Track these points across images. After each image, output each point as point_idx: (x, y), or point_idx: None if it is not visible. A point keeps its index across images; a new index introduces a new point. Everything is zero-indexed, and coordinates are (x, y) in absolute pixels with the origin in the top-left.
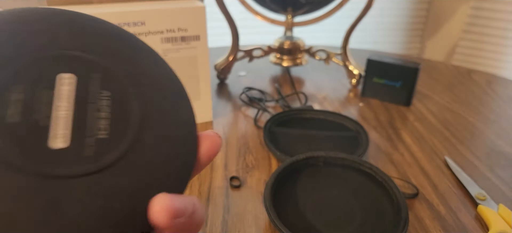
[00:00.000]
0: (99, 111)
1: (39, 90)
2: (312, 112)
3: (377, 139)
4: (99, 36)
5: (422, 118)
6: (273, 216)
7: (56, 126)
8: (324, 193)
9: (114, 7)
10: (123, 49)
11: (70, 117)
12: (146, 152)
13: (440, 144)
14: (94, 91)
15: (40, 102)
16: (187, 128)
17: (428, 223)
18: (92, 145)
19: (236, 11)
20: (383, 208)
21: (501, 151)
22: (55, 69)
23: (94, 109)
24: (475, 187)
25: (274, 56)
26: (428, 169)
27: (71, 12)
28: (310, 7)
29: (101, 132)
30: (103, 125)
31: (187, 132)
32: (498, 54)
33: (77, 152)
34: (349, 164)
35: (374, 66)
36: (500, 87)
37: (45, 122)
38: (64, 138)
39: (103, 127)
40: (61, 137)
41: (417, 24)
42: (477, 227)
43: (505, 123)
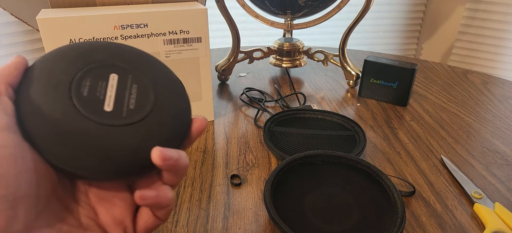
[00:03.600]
0: (130, 94)
1: (100, 81)
2: (311, 112)
3: (374, 138)
4: (132, 55)
5: (419, 117)
6: (273, 213)
7: (107, 99)
8: (322, 190)
9: (117, 9)
10: (145, 62)
11: (113, 96)
12: (156, 119)
13: (437, 143)
14: (128, 84)
15: (100, 87)
16: (183, 110)
17: (424, 221)
18: (125, 111)
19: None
20: (380, 205)
21: (496, 150)
22: (108, 71)
23: (128, 93)
24: (471, 185)
25: (274, 57)
26: (425, 167)
27: (116, 43)
28: (309, 10)
29: (131, 104)
30: (132, 101)
31: (183, 113)
32: (494, 55)
33: (117, 113)
34: (347, 163)
35: (371, 67)
36: (496, 87)
37: (102, 97)
38: (110, 106)
39: (132, 102)
40: (108, 105)
41: (413, 26)
42: (473, 225)
43: (500, 122)
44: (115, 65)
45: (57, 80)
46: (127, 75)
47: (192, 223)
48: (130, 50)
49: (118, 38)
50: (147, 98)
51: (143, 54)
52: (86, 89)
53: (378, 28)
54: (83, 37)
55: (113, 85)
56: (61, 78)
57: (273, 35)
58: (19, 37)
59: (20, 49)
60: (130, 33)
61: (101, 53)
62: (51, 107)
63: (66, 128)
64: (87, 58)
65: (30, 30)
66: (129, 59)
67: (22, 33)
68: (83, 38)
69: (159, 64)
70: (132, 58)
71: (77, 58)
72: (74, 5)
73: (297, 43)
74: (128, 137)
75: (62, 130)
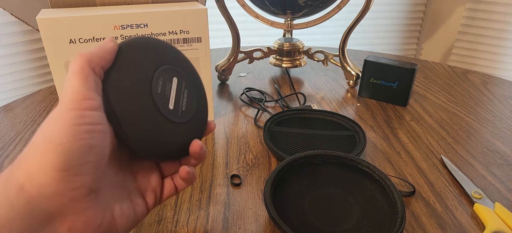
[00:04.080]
0: (183, 98)
1: (167, 82)
2: (311, 112)
3: (374, 138)
4: (185, 63)
5: (419, 117)
6: (273, 213)
7: (171, 99)
8: (322, 190)
9: (117, 9)
10: (192, 71)
11: (174, 97)
12: (196, 121)
13: (437, 143)
14: (182, 88)
15: (167, 87)
16: (207, 113)
17: (424, 221)
18: (180, 111)
19: (237, 14)
20: (380, 205)
21: (497, 150)
22: (173, 74)
23: (182, 96)
24: (471, 185)
25: (274, 57)
26: (425, 167)
27: (171, 46)
28: (309, 10)
29: (183, 106)
30: (184, 104)
31: (207, 115)
32: (494, 55)
33: (175, 112)
34: (347, 163)
35: (371, 67)
36: (496, 87)
37: (168, 96)
38: (172, 105)
39: (184, 105)
40: (171, 104)
41: (413, 26)
42: (473, 225)
43: (500, 122)
44: (176, 70)
45: (141, 75)
46: (182, 81)
47: (192, 223)
48: (184, 58)
49: (118, 38)
50: (192, 103)
51: (190, 64)
52: (159, 87)
53: (378, 28)
54: (83, 37)
55: (174, 88)
56: (145, 74)
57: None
58: (19, 37)
59: (20, 49)
60: (130, 33)
61: (169, 55)
62: (135, 98)
63: (144, 116)
64: (161, 58)
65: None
66: (184, 67)
67: (22, 33)
68: (83, 39)
69: (197, 73)
70: (185, 65)
71: (155, 57)
72: (74, 5)
73: (297, 43)
74: (181, 133)
75: (140, 117)
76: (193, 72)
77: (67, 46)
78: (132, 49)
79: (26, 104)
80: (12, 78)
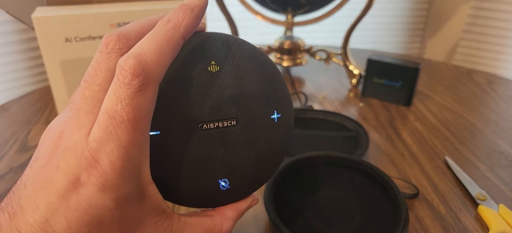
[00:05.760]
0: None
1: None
2: (312, 112)
3: (377, 139)
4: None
5: (422, 118)
6: (273, 216)
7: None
8: (324, 193)
9: (114, 7)
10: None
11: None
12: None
13: (441, 144)
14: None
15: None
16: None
17: (428, 223)
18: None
19: (236, 11)
20: (383, 208)
21: (501, 151)
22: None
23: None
24: (475, 187)
25: (274, 56)
26: (428, 169)
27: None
28: (310, 7)
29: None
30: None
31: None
32: (499, 54)
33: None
34: (349, 164)
35: (374, 66)
36: (501, 87)
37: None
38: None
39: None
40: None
41: (417, 24)
42: (478, 227)
43: (505, 123)
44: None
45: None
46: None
47: None
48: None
49: None
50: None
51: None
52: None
53: (381, 26)
54: (80, 35)
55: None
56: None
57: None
58: (13, 36)
59: (15, 48)
60: None
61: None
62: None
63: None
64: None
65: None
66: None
67: (17, 32)
68: (79, 37)
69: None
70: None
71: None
72: (70, 3)
73: (298, 42)
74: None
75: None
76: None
77: (63, 45)
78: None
79: (22, 104)
80: (7, 78)
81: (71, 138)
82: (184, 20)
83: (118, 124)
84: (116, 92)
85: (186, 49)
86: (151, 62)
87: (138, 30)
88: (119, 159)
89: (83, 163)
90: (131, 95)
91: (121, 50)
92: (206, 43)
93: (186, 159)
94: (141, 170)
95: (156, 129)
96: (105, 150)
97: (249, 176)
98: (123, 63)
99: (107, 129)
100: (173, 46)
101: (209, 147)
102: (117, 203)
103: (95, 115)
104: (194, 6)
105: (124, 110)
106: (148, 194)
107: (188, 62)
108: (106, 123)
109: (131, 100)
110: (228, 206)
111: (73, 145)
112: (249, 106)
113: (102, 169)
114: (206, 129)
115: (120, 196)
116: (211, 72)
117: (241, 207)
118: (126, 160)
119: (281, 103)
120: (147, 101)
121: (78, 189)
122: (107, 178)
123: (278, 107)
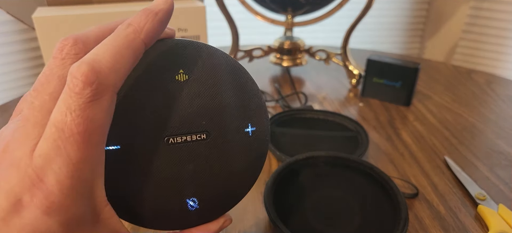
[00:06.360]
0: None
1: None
2: (312, 113)
3: (377, 139)
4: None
5: (422, 117)
6: (273, 216)
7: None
8: (324, 193)
9: (114, 7)
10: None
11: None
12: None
13: (440, 144)
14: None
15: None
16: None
17: (428, 223)
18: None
19: (236, 11)
20: (383, 207)
21: (501, 150)
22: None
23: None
24: (475, 187)
25: (274, 56)
26: (428, 169)
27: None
28: (310, 7)
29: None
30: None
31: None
32: (498, 54)
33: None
34: (349, 164)
35: (374, 66)
36: (500, 87)
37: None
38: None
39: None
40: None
41: (417, 24)
42: (477, 227)
43: (505, 123)
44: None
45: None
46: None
47: None
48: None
49: None
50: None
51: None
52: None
53: (381, 26)
54: None
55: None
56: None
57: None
58: (13, 36)
59: (15, 48)
60: None
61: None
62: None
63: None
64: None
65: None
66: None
67: (17, 32)
68: None
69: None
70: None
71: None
72: (71, 3)
73: (298, 42)
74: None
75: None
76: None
77: None
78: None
79: None
80: (7, 78)
81: (15, 152)
82: (146, 25)
83: (67, 138)
84: (66, 102)
85: (151, 56)
86: (106, 69)
87: (98, 33)
88: (67, 177)
89: (26, 182)
90: (82, 106)
91: (77, 55)
92: (173, 50)
93: (150, 176)
94: (94, 190)
95: (116, 143)
96: (51, 167)
97: (220, 195)
98: (74, 70)
99: (55, 143)
100: (132, 52)
101: (176, 163)
102: (65, 228)
103: (44, 127)
104: (159, 10)
105: (74, 122)
106: (103, 216)
107: (152, 71)
108: (54, 136)
109: (82, 112)
110: (198, 228)
111: (17, 160)
112: (221, 119)
113: (48, 189)
114: (173, 143)
115: (69, 219)
116: (179, 81)
117: (211, 229)
118: (76, 178)
119: (256, 115)
120: (101, 112)
121: (20, 212)
122: (53, 199)
123: (252, 120)
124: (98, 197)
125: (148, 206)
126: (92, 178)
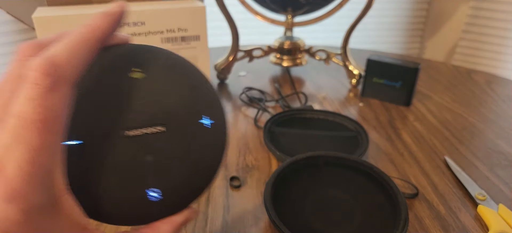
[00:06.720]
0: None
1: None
2: (312, 113)
3: (377, 139)
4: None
5: (422, 117)
6: (273, 216)
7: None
8: (324, 193)
9: None
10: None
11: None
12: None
13: (440, 144)
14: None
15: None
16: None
17: (428, 223)
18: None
19: (236, 11)
20: (383, 208)
21: (501, 150)
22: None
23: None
24: (475, 187)
25: (274, 56)
26: (428, 169)
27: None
28: (310, 7)
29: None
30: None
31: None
32: (498, 54)
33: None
34: (349, 164)
35: (374, 66)
36: (500, 87)
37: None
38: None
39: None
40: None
41: (417, 24)
42: (477, 227)
43: (504, 123)
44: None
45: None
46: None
47: (190, 226)
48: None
49: None
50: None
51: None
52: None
53: (381, 26)
54: None
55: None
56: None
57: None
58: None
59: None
60: (127, 31)
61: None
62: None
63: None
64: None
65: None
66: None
67: (17, 32)
68: None
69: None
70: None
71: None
72: (71, 3)
73: (298, 42)
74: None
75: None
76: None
77: None
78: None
79: None
80: None
81: None
82: (100, 24)
83: (28, 125)
84: (27, 94)
85: (108, 56)
86: (63, 63)
87: (54, 37)
88: (28, 164)
89: None
90: (42, 95)
91: (35, 55)
92: (129, 51)
93: (110, 169)
94: (54, 177)
95: (77, 138)
96: (12, 154)
97: (181, 185)
98: (33, 64)
99: (15, 131)
100: (87, 47)
101: (135, 155)
102: (26, 216)
103: (5, 123)
104: (113, 13)
105: (35, 110)
106: (63, 205)
107: (110, 69)
108: (15, 125)
109: (43, 101)
110: (162, 221)
111: None
112: (176, 112)
113: (8, 176)
114: (132, 136)
115: (30, 207)
116: (135, 79)
117: (176, 221)
118: (37, 164)
119: (211, 109)
120: (60, 103)
121: None
122: (14, 186)
123: (208, 113)
124: (58, 185)
125: (109, 200)
126: (52, 166)
